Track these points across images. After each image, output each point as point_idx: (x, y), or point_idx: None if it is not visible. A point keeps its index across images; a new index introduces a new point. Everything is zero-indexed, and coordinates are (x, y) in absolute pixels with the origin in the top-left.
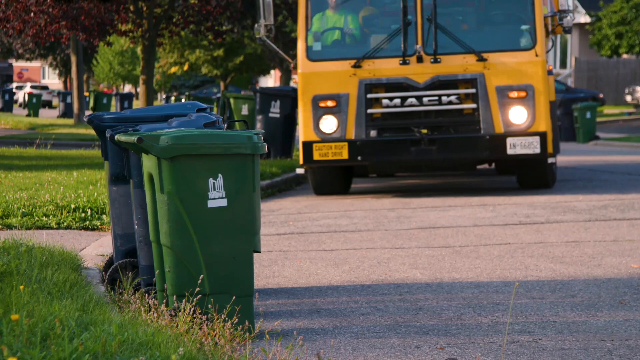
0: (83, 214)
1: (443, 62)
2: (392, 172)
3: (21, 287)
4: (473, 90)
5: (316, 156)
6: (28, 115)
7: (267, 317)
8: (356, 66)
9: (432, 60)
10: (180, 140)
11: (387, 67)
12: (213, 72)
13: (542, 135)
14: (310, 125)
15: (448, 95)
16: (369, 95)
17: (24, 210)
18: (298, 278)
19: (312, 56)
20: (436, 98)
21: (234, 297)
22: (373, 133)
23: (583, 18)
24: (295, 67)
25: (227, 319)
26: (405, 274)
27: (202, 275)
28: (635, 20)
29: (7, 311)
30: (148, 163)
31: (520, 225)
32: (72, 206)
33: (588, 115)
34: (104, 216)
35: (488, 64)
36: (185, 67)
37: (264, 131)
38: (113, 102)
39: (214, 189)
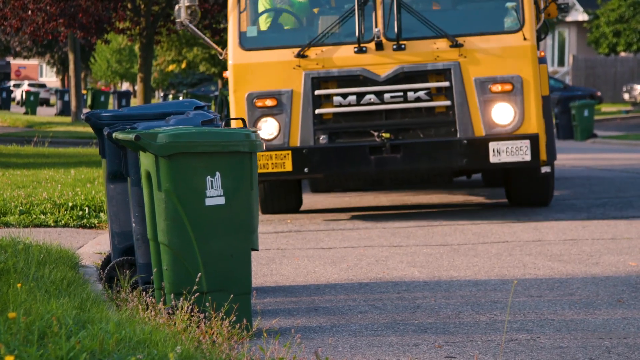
0: (80, 212)
1: (409, 49)
2: (349, 188)
3: (18, 285)
4: (446, 84)
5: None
6: (25, 113)
7: (265, 315)
8: (301, 56)
9: (394, 47)
10: (177, 138)
11: (339, 57)
12: (211, 70)
13: (533, 139)
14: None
15: (415, 91)
16: (317, 92)
17: (21, 208)
18: (296, 276)
19: (245, 44)
20: (400, 94)
21: (231, 295)
22: (323, 139)
23: (581, 16)
24: (224, 59)
25: (224, 317)
26: (403, 272)
27: (199, 273)
28: (633, 19)
29: (4, 309)
30: (145, 161)
31: (518, 223)
32: (70, 204)
33: (586, 113)
34: (101, 214)
35: (465, 51)
36: (183, 65)
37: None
38: (111, 100)
39: (212, 187)
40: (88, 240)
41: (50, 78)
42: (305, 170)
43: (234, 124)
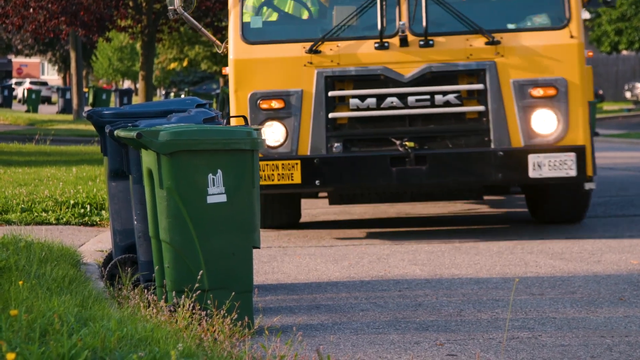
0: (82, 210)
1: (437, 46)
2: (364, 202)
3: (20, 282)
4: (480, 86)
5: None
6: (27, 111)
7: (267, 313)
8: (313, 51)
9: (421, 43)
10: (179, 135)
11: (358, 53)
12: (212, 68)
13: (579, 151)
14: None
15: (444, 94)
16: (331, 93)
17: (23, 205)
18: (297, 274)
19: (249, 36)
20: (427, 97)
21: (233, 293)
22: (337, 147)
23: (582, 14)
24: (224, 53)
25: (226, 314)
26: (405, 270)
27: (201, 271)
28: (634, 17)
29: (6, 307)
30: (147, 159)
31: (519, 221)
32: (72, 202)
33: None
34: (103, 212)
35: (502, 49)
36: (185, 63)
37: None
38: (112, 98)
39: (214, 185)
40: (90, 238)
41: (51, 76)
42: (317, 182)
43: (234, 121)
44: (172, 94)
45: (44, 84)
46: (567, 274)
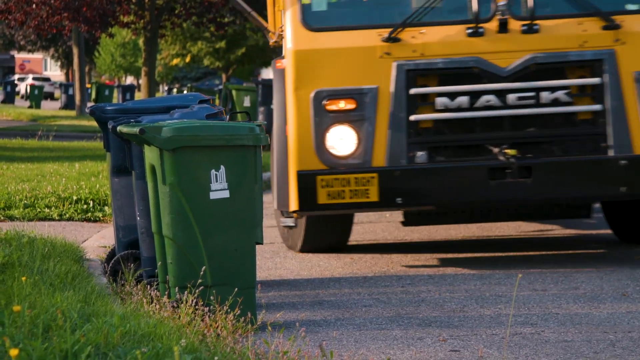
0: (85, 206)
1: (544, 32)
2: (448, 222)
3: (23, 278)
4: (596, 80)
5: (323, 198)
6: (30, 107)
7: (270, 309)
8: (391, 39)
9: (524, 28)
10: (182, 131)
11: (446, 41)
12: (215, 64)
13: None
14: (309, 142)
15: (552, 90)
16: (413, 91)
17: (25, 201)
18: (300, 270)
19: (312, 21)
20: (532, 94)
21: (236, 289)
22: (420, 156)
23: None
24: (277, 43)
25: (229, 310)
26: (408, 266)
27: (204, 267)
28: None
29: (9, 302)
30: (150, 154)
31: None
32: (74, 198)
33: None
34: (106, 208)
35: (623, 35)
36: (187, 59)
37: (266, 123)
38: (115, 94)
39: (216, 181)
40: (92, 234)
41: (54, 72)
42: (398, 200)
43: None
44: (174, 90)
45: (47, 79)
46: (570, 269)
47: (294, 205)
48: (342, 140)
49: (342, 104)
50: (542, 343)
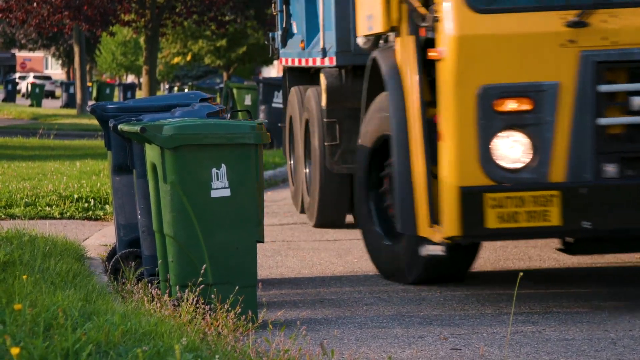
0: (86, 204)
1: None
2: (630, 250)
3: (24, 277)
4: None
5: (492, 220)
6: (31, 105)
7: (271, 307)
8: (578, 24)
9: None
10: (183, 130)
11: None
12: (216, 62)
13: None
14: (472, 151)
15: None
16: (603, 88)
17: (27, 200)
18: (301, 268)
19: (478, 1)
20: None
21: (237, 287)
22: (611, 169)
23: None
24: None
25: (230, 309)
26: None
27: (205, 265)
28: None
29: (10, 301)
30: (151, 153)
31: None
32: (75, 196)
33: None
34: (107, 206)
35: None
36: (188, 58)
37: (267, 121)
38: (116, 92)
39: (217, 179)
40: (93, 232)
41: (55, 70)
42: (585, 225)
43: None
44: (175, 88)
45: (48, 78)
46: (571, 267)
47: (450, 229)
48: (513, 150)
49: (515, 104)
50: (543, 341)
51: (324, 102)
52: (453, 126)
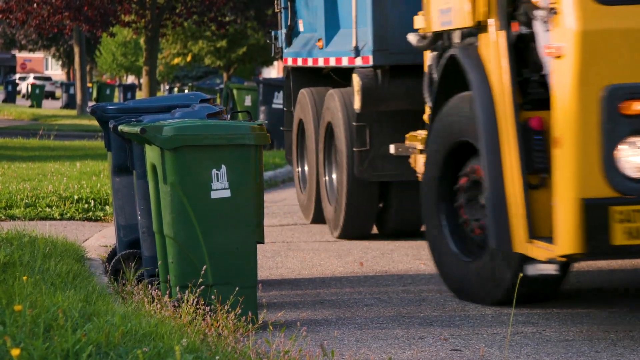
0: (86, 205)
1: None
2: None
3: (24, 277)
4: None
5: (619, 237)
6: (31, 106)
7: (271, 308)
8: None
9: None
10: (183, 131)
11: None
12: (216, 63)
13: None
14: (594, 158)
15: None
16: None
17: (27, 201)
18: (301, 269)
19: None
20: None
21: (237, 288)
22: None
23: None
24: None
25: (230, 310)
26: (409, 266)
27: (205, 266)
28: None
29: (10, 302)
30: (151, 154)
31: None
32: (75, 197)
33: None
34: (107, 207)
35: None
36: (188, 58)
37: (267, 122)
38: (116, 93)
39: (217, 180)
40: (94, 233)
41: (55, 71)
42: None
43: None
44: (175, 89)
45: (48, 79)
46: (571, 268)
47: (570, 246)
48: (639, 156)
49: None
50: (544, 342)
51: (357, 105)
52: (574, 131)
